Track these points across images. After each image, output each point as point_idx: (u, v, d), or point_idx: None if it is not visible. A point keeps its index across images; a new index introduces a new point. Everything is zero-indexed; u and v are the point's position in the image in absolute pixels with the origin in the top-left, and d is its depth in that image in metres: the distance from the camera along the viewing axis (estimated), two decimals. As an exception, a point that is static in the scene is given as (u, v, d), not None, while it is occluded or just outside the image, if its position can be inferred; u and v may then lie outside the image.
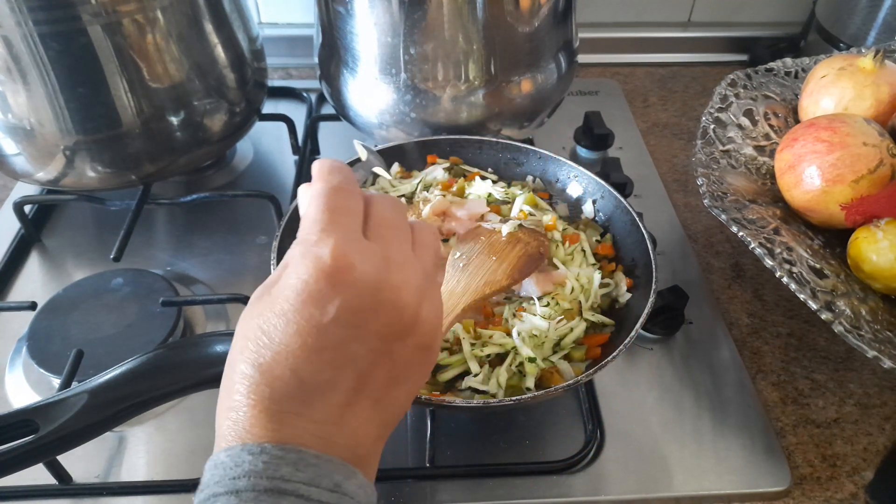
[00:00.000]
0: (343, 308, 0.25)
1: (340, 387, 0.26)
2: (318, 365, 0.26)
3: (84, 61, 0.50)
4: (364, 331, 0.26)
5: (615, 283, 0.50)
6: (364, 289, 0.26)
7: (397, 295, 0.27)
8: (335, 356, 0.26)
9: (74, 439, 0.35)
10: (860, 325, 0.43)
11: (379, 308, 0.26)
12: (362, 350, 0.26)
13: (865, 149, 0.48)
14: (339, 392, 0.26)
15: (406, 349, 0.28)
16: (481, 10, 0.54)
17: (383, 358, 0.27)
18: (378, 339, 0.27)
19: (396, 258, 0.28)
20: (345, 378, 0.26)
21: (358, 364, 0.27)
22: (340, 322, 0.26)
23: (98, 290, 0.54)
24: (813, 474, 0.47)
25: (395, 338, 0.27)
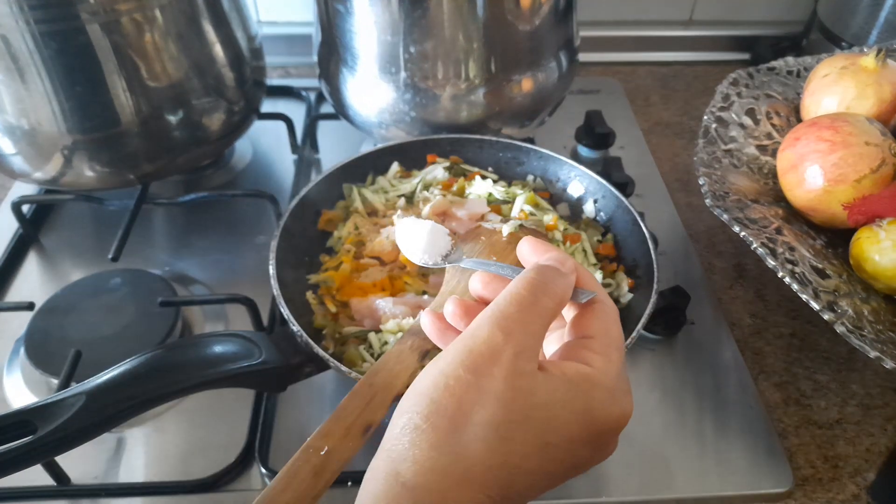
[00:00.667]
0: (610, 434, 0.26)
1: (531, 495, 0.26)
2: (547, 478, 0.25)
3: (82, 60, 0.50)
4: (601, 454, 0.27)
5: (616, 284, 0.50)
6: (626, 422, 0.27)
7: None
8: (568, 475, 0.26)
9: (73, 440, 0.35)
10: (862, 325, 0.43)
11: (617, 436, 0.27)
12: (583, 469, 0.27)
13: (868, 148, 0.48)
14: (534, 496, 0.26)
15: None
16: (482, 8, 0.54)
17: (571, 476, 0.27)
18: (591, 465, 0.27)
19: (630, 400, 0.28)
20: (540, 491, 0.26)
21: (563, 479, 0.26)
22: (599, 445, 0.26)
23: (96, 291, 0.54)
24: (815, 475, 0.47)
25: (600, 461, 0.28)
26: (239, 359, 0.40)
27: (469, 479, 0.23)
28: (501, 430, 0.23)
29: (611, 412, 0.25)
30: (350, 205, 0.56)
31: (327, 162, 0.72)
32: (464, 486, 0.23)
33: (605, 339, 0.27)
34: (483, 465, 0.23)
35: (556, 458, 0.24)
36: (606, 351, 0.26)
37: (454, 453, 0.23)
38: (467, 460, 0.23)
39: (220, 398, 0.49)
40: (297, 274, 0.51)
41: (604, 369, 0.26)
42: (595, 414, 0.25)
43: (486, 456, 0.23)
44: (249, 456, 0.46)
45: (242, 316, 0.53)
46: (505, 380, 0.24)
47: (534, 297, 0.26)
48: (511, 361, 0.24)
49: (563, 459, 0.25)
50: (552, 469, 0.24)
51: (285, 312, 0.43)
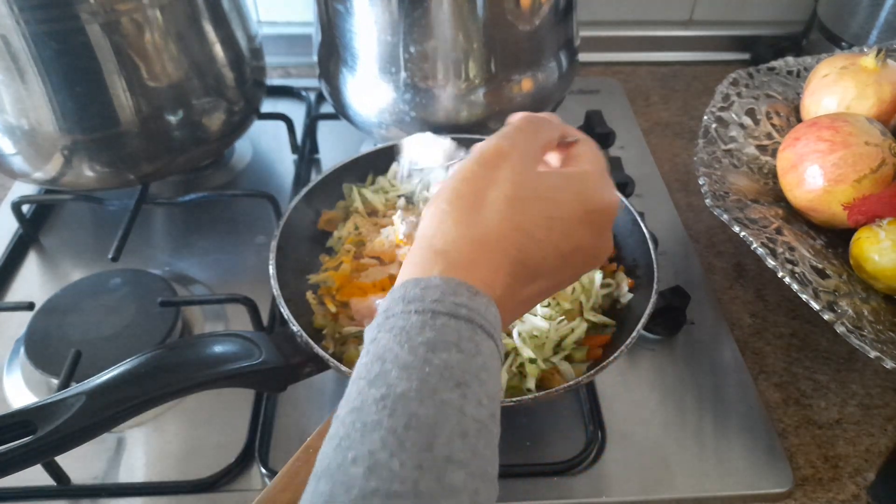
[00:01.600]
0: (601, 223, 0.31)
1: (549, 285, 0.31)
2: (556, 263, 0.30)
3: (82, 60, 0.50)
4: (599, 239, 0.31)
5: (616, 284, 0.50)
6: (610, 214, 0.32)
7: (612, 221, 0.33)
8: (570, 258, 0.30)
9: (72, 440, 0.35)
10: (862, 325, 0.43)
11: (606, 229, 0.32)
12: (584, 263, 0.32)
13: (868, 148, 0.48)
14: (547, 283, 0.30)
15: (591, 268, 0.34)
16: (481, 8, 0.54)
17: (583, 273, 0.33)
18: (593, 263, 0.32)
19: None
20: (556, 281, 0.31)
21: (567, 274, 0.31)
22: (591, 232, 0.31)
23: (96, 291, 0.54)
24: (815, 475, 0.47)
25: (597, 264, 0.33)
26: (239, 359, 0.40)
27: (488, 242, 0.28)
28: (513, 203, 0.29)
29: (602, 196, 0.31)
30: (350, 205, 0.56)
31: (327, 162, 0.72)
32: (484, 248, 0.28)
33: (589, 154, 0.34)
34: (498, 231, 0.28)
35: (561, 231, 0.29)
36: (593, 159, 0.33)
37: (475, 223, 0.28)
38: (486, 227, 0.28)
39: (220, 398, 0.49)
40: (297, 274, 0.51)
41: (593, 168, 0.32)
42: (589, 195, 0.31)
43: (500, 223, 0.28)
44: (249, 456, 0.46)
45: (242, 316, 0.53)
46: (513, 168, 0.29)
47: (533, 126, 0.32)
48: (517, 158, 0.30)
49: (567, 234, 0.30)
50: (559, 242, 0.29)
51: (285, 312, 0.43)
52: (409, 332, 0.25)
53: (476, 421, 0.23)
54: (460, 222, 0.28)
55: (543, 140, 0.32)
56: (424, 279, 0.26)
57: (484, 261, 0.28)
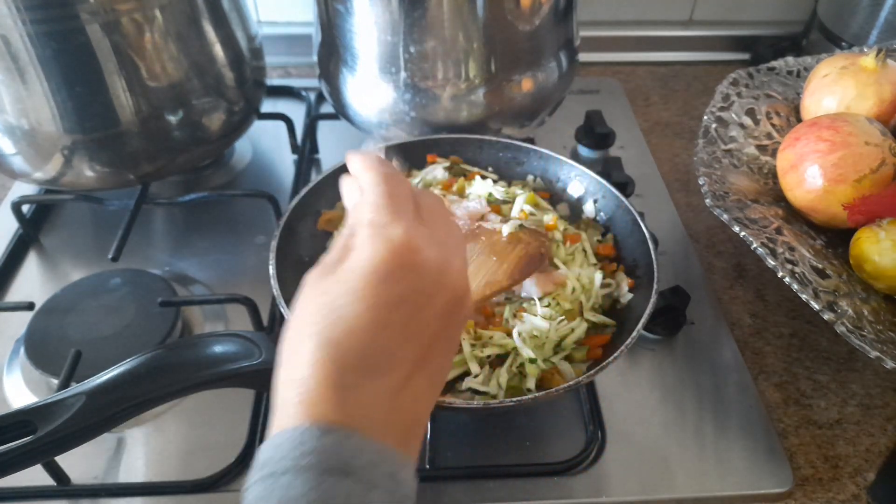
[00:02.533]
0: (411, 288, 0.28)
1: (404, 362, 0.28)
2: (386, 340, 0.27)
3: (82, 60, 0.50)
4: (428, 309, 0.28)
5: (616, 284, 0.50)
6: (429, 271, 0.28)
7: (454, 277, 0.30)
8: (402, 332, 0.27)
9: (72, 440, 0.35)
10: (862, 325, 0.43)
11: (441, 289, 0.29)
12: (423, 330, 0.28)
13: (868, 148, 0.48)
14: (402, 367, 0.28)
15: (457, 322, 0.31)
16: (481, 8, 0.54)
17: (439, 337, 0.29)
18: (436, 319, 0.29)
19: (449, 242, 0.30)
20: (408, 353, 0.28)
21: (420, 340, 0.28)
22: (408, 301, 0.27)
23: (96, 291, 0.54)
24: (815, 475, 0.47)
25: (451, 317, 0.30)
26: (239, 359, 0.40)
27: (304, 373, 0.26)
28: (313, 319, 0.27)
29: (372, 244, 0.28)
30: (350, 205, 0.56)
31: (327, 162, 0.72)
32: (304, 378, 0.26)
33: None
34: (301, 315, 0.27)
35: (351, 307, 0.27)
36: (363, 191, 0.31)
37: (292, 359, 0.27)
38: (299, 356, 0.26)
39: (220, 398, 0.49)
40: (297, 274, 0.50)
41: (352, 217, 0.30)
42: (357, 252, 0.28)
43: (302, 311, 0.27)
44: (249, 456, 0.46)
45: (242, 316, 0.53)
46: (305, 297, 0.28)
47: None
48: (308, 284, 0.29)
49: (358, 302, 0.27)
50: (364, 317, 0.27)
51: (285, 312, 0.43)
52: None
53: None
54: (286, 363, 0.27)
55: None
56: (277, 435, 0.25)
57: (311, 391, 0.25)
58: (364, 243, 0.28)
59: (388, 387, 0.27)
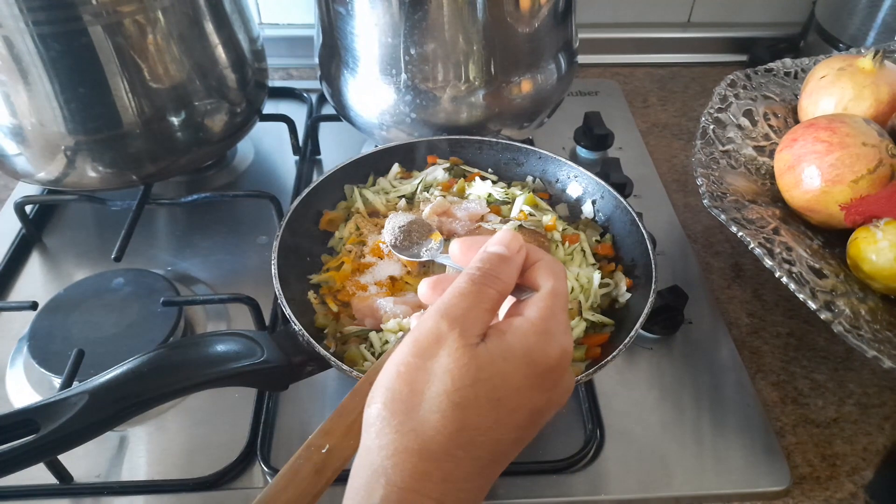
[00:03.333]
0: (552, 371, 0.28)
1: (512, 450, 0.28)
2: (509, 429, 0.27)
3: (85, 62, 0.50)
4: (554, 393, 0.29)
5: (615, 283, 0.50)
6: (567, 357, 0.29)
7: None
8: (531, 422, 0.28)
9: (75, 439, 0.36)
10: (860, 324, 0.43)
11: (563, 374, 0.29)
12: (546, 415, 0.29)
13: (865, 149, 0.49)
14: (508, 457, 0.28)
15: (554, 411, 0.30)
16: (481, 10, 0.54)
17: (541, 422, 0.30)
18: (556, 409, 0.30)
19: (567, 344, 0.30)
20: (517, 445, 0.28)
21: (534, 426, 0.29)
22: (545, 383, 0.28)
23: (99, 290, 0.55)
24: (812, 474, 0.47)
25: (560, 406, 0.30)
26: (241, 358, 0.40)
27: (432, 452, 0.25)
28: (453, 398, 0.26)
29: (549, 351, 0.28)
30: (351, 205, 0.56)
31: (328, 163, 0.73)
32: (429, 460, 0.25)
33: (543, 295, 0.29)
34: (442, 434, 0.25)
35: (512, 408, 0.27)
36: (544, 300, 0.29)
37: (413, 430, 0.25)
38: (426, 433, 0.25)
39: (222, 397, 0.49)
40: (299, 274, 0.51)
41: (542, 314, 0.28)
42: (534, 356, 0.27)
43: (443, 424, 0.25)
44: (251, 454, 0.46)
45: (244, 315, 0.53)
46: (450, 356, 0.26)
47: (476, 288, 0.28)
48: (455, 341, 0.26)
49: (519, 407, 0.27)
50: (511, 419, 0.27)
51: (287, 312, 0.44)
52: None
53: None
54: (398, 430, 0.25)
55: (491, 300, 0.28)
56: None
57: (431, 476, 0.25)
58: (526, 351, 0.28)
59: (493, 474, 0.27)
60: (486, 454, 0.26)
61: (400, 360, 0.27)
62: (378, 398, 0.27)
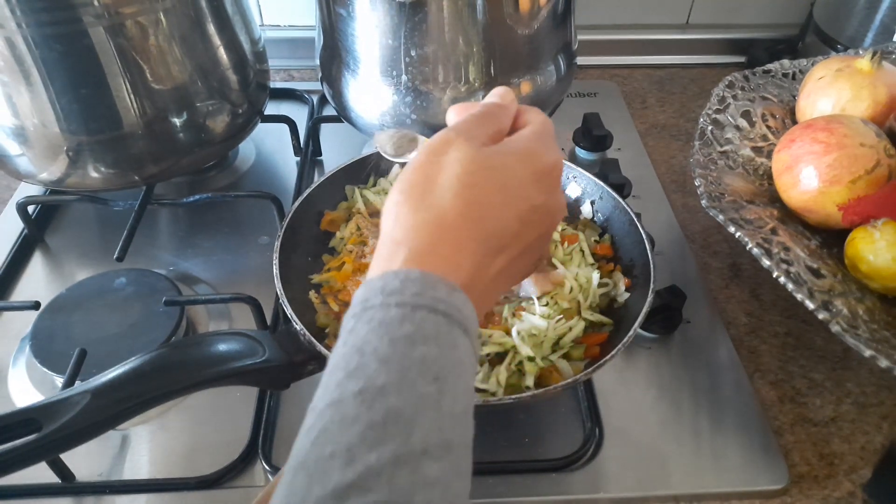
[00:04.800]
0: (548, 173, 0.32)
1: (513, 253, 0.31)
2: (517, 230, 0.31)
3: (87, 63, 0.51)
4: (551, 197, 0.32)
5: (613, 283, 0.50)
6: (559, 167, 0.34)
7: (561, 203, 0.35)
8: (525, 226, 0.31)
9: (77, 438, 0.36)
10: (857, 324, 0.43)
11: (560, 192, 0.34)
12: (538, 230, 0.32)
13: (863, 150, 0.49)
14: (505, 256, 0.31)
15: (548, 237, 0.35)
16: (481, 12, 0.55)
17: (542, 243, 0.34)
18: (549, 227, 0.34)
19: (559, 157, 0.35)
20: (520, 244, 0.31)
21: (535, 243, 0.32)
22: (543, 184, 0.32)
23: (101, 290, 0.55)
24: (810, 473, 0.47)
25: (551, 228, 0.34)
26: (243, 357, 0.41)
27: (446, 222, 0.28)
28: (464, 179, 0.29)
29: (546, 155, 0.33)
30: (352, 206, 0.57)
31: (330, 164, 0.73)
32: (443, 229, 0.28)
33: (534, 120, 0.35)
34: (454, 210, 0.29)
35: (515, 195, 0.31)
36: (537, 125, 0.34)
37: (429, 207, 0.29)
38: (441, 208, 0.29)
39: (224, 396, 0.49)
40: (300, 274, 0.51)
41: (536, 130, 0.34)
42: (535, 155, 0.32)
43: (455, 202, 0.29)
44: (253, 453, 0.47)
45: (246, 315, 0.54)
46: (459, 150, 0.30)
47: (481, 118, 0.33)
48: (463, 142, 0.31)
49: (521, 196, 0.31)
50: (514, 206, 0.30)
51: (288, 311, 0.44)
52: (388, 325, 0.25)
53: (451, 416, 0.24)
54: (416, 209, 0.29)
55: (492, 128, 0.33)
56: (404, 271, 0.27)
57: (446, 242, 0.28)
58: (533, 140, 0.33)
59: (497, 268, 0.30)
60: (493, 235, 0.30)
61: (416, 159, 0.31)
62: (396, 190, 0.30)
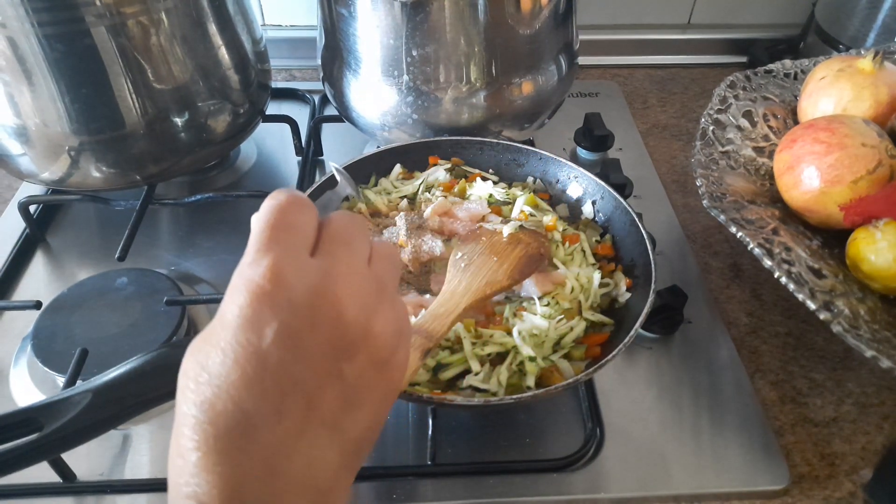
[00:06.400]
0: (280, 330, 0.24)
1: (287, 415, 0.24)
2: (260, 394, 0.24)
3: (88, 62, 0.51)
4: (305, 352, 0.25)
5: (615, 283, 0.50)
6: (300, 307, 0.25)
7: (338, 310, 0.25)
8: (277, 382, 0.24)
9: (78, 437, 0.36)
10: (858, 324, 0.43)
11: (318, 325, 0.25)
12: (306, 373, 0.25)
13: (864, 150, 0.49)
14: (287, 420, 0.24)
15: (357, 367, 0.26)
16: (483, 12, 0.55)
17: (332, 379, 0.26)
18: (322, 359, 0.25)
19: (341, 271, 0.26)
20: (291, 405, 0.24)
21: (303, 388, 0.25)
22: (279, 345, 0.24)
23: (102, 290, 0.55)
24: (811, 473, 0.47)
25: (342, 356, 0.26)
26: (243, 356, 0.41)
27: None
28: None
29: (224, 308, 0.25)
30: (353, 206, 0.57)
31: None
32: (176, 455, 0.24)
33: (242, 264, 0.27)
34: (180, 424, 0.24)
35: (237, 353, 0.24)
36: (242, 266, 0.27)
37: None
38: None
39: (225, 396, 0.49)
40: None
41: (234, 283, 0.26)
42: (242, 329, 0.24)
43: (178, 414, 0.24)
44: (253, 453, 0.47)
45: (246, 315, 0.54)
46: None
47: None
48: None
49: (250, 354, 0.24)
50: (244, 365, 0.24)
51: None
52: None
53: None
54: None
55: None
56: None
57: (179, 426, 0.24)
58: (230, 290, 0.25)
59: (273, 444, 0.24)
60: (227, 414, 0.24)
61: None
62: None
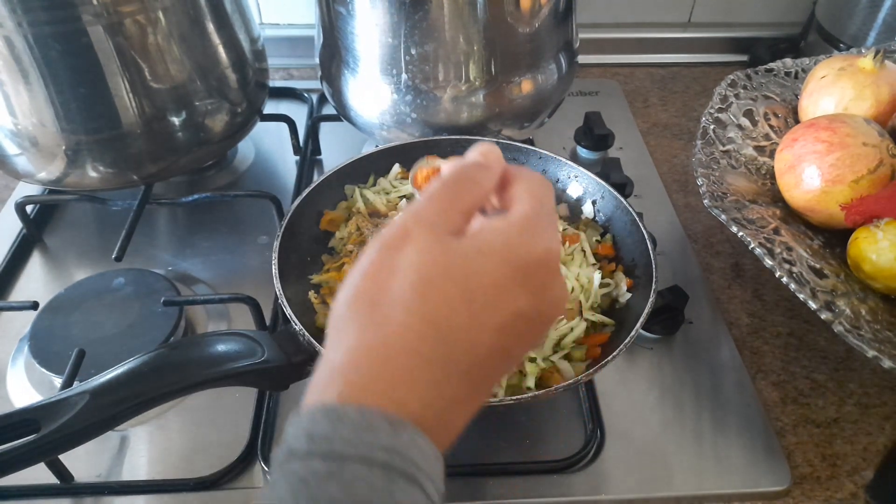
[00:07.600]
0: (536, 268, 0.25)
1: (493, 361, 0.25)
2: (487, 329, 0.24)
3: (85, 62, 0.50)
4: (541, 297, 0.25)
5: (615, 283, 0.50)
6: (553, 257, 0.26)
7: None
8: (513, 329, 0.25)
9: (76, 439, 0.36)
10: (860, 324, 0.43)
11: (558, 280, 0.26)
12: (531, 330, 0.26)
13: (865, 149, 0.49)
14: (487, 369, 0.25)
15: (546, 328, 0.27)
16: (482, 10, 0.54)
17: (537, 339, 0.27)
18: (544, 322, 0.26)
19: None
20: (498, 355, 0.25)
21: (518, 337, 0.25)
22: (530, 282, 0.25)
23: (100, 290, 0.55)
24: (813, 474, 0.47)
25: (551, 321, 0.27)
26: (241, 357, 0.41)
27: (391, 346, 0.23)
28: (419, 290, 0.23)
29: (532, 247, 0.25)
30: (352, 205, 0.56)
31: (329, 163, 0.73)
32: (387, 354, 0.23)
33: (525, 195, 0.27)
34: (404, 329, 0.23)
35: (490, 305, 0.24)
36: (525, 201, 0.27)
37: (377, 325, 0.23)
38: (387, 329, 0.23)
39: (223, 397, 0.49)
40: (299, 274, 0.51)
41: (524, 214, 0.26)
42: (514, 251, 0.25)
43: (408, 319, 0.23)
44: (252, 454, 0.46)
45: (245, 315, 0.53)
46: (417, 248, 0.24)
47: (448, 190, 0.26)
48: (423, 235, 0.24)
49: (496, 304, 0.24)
50: (487, 318, 0.24)
51: (288, 312, 0.44)
52: (309, 485, 0.20)
53: None
54: (361, 327, 0.23)
55: (466, 203, 0.26)
56: (337, 408, 0.21)
57: (394, 369, 0.22)
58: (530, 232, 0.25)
59: (464, 392, 0.24)
60: (457, 360, 0.23)
61: (366, 258, 0.25)
62: (340, 299, 0.24)
